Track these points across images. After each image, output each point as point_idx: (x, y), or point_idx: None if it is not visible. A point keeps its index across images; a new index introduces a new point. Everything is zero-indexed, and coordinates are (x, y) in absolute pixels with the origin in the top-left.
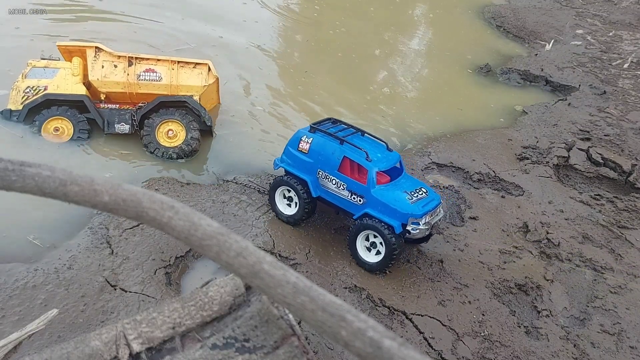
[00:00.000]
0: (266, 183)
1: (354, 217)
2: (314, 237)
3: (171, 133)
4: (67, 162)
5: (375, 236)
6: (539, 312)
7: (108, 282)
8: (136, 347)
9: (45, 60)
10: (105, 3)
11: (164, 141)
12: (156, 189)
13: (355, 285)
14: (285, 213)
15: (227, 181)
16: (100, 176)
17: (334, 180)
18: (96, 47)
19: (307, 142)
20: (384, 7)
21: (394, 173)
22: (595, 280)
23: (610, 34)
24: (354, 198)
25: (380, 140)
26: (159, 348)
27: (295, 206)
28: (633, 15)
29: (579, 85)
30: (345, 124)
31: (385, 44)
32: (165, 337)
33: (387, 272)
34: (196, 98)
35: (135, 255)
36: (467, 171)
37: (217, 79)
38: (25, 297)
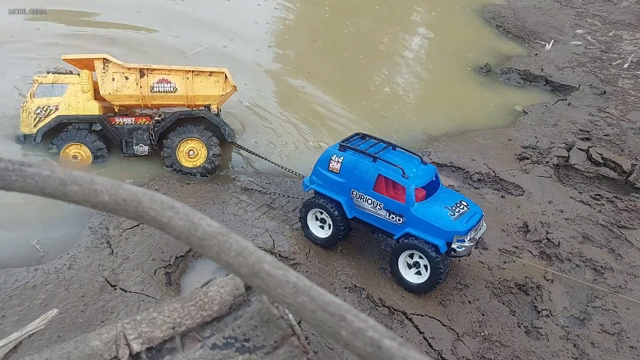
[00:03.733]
0: (266, 183)
1: (395, 238)
2: None
3: (192, 153)
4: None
5: (420, 257)
6: (539, 312)
7: (108, 282)
8: (136, 347)
9: (52, 75)
10: (117, 3)
11: (185, 161)
12: (156, 189)
13: (355, 285)
14: (319, 236)
15: (228, 182)
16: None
17: (369, 200)
18: (104, 59)
19: (338, 161)
20: (388, 6)
21: (430, 186)
22: (595, 280)
23: (610, 34)
24: (392, 217)
25: (413, 153)
26: (159, 348)
27: (329, 228)
28: (633, 15)
29: (579, 85)
30: (375, 138)
31: (389, 44)
32: (165, 337)
33: (388, 273)
34: (214, 107)
35: (135, 255)
36: (467, 171)
37: (235, 87)
38: (25, 297)
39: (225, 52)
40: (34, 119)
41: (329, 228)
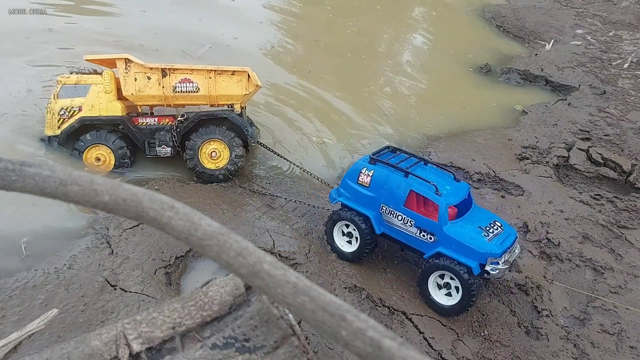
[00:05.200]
0: (266, 183)
1: (425, 257)
2: (314, 237)
3: (215, 154)
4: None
5: (452, 278)
6: (539, 312)
7: (108, 282)
8: (136, 347)
9: (75, 76)
10: (125, 3)
11: (208, 163)
12: (156, 189)
13: (355, 285)
14: (345, 250)
15: (228, 182)
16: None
17: (400, 216)
18: (126, 59)
19: (368, 174)
20: (389, 6)
21: (462, 204)
22: (595, 280)
23: (610, 34)
24: (423, 235)
25: (446, 169)
26: (159, 348)
27: (355, 242)
28: (633, 15)
29: (579, 85)
30: (406, 152)
31: (390, 44)
32: (165, 337)
33: (391, 272)
34: (237, 107)
35: (135, 255)
36: (467, 171)
37: (257, 86)
38: (26, 297)
39: (228, 52)
40: (58, 120)
41: (355, 242)
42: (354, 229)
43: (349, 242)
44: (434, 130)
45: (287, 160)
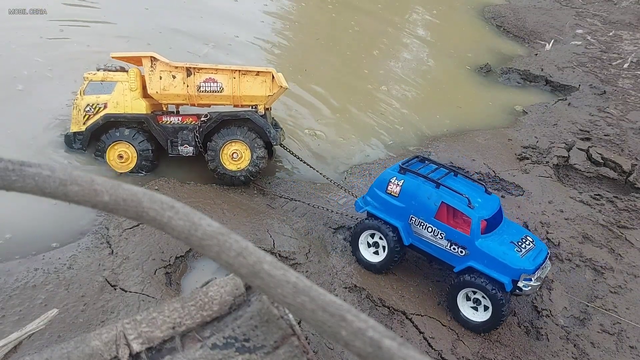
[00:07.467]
0: (266, 183)
1: (455, 270)
2: (314, 237)
3: (236, 155)
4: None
5: (483, 296)
6: (539, 312)
7: (108, 282)
8: (136, 347)
9: (102, 72)
10: (127, 2)
11: (229, 164)
12: (156, 189)
13: (355, 285)
14: (370, 261)
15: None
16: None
17: (430, 228)
18: (152, 57)
19: (398, 184)
20: (390, 4)
21: (493, 218)
22: (595, 280)
23: (610, 34)
24: (454, 249)
25: (477, 181)
26: (159, 348)
27: (380, 253)
28: (633, 15)
29: (579, 85)
30: (435, 163)
31: (390, 43)
32: (165, 337)
33: (391, 272)
34: (261, 108)
35: (135, 255)
36: (467, 171)
37: (281, 88)
38: (25, 297)
39: (229, 51)
40: (84, 117)
41: (380, 253)
42: (381, 239)
43: (375, 252)
44: (433, 130)
45: (309, 165)
